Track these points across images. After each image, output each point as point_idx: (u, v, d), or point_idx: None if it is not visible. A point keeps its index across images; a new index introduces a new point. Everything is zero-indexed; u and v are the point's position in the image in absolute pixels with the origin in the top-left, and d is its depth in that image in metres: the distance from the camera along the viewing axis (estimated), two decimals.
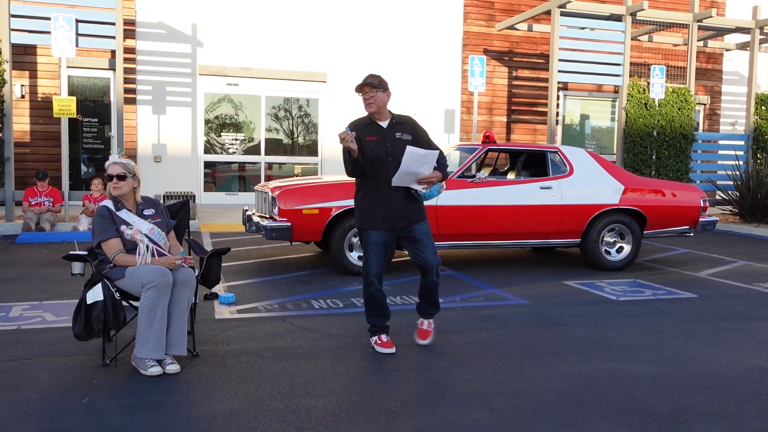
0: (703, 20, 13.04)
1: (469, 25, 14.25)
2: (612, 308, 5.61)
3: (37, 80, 11.91)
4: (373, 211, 4.21)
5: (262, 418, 3.16)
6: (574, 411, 3.33)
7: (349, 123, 4.26)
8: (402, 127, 4.26)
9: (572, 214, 7.24)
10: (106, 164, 4.03)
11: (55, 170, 10.97)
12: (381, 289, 4.27)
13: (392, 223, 4.20)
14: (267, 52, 13.09)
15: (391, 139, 4.20)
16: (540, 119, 14.74)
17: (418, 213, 4.27)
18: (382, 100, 4.18)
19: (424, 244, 4.26)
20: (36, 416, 3.14)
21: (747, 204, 11.95)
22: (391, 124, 4.25)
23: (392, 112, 4.30)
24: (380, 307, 4.30)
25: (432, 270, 4.27)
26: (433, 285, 4.33)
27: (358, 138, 4.14)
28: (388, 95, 4.21)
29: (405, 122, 4.30)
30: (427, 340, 4.43)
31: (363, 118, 4.30)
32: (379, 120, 4.24)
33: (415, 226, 4.24)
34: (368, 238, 4.23)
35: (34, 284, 6.11)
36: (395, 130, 4.23)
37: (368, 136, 4.18)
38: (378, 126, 4.23)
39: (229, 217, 11.09)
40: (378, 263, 4.24)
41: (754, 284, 6.78)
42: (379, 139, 4.19)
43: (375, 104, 4.17)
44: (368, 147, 4.15)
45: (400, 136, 4.21)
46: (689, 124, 12.95)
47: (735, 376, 3.91)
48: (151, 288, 3.68)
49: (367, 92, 4.16)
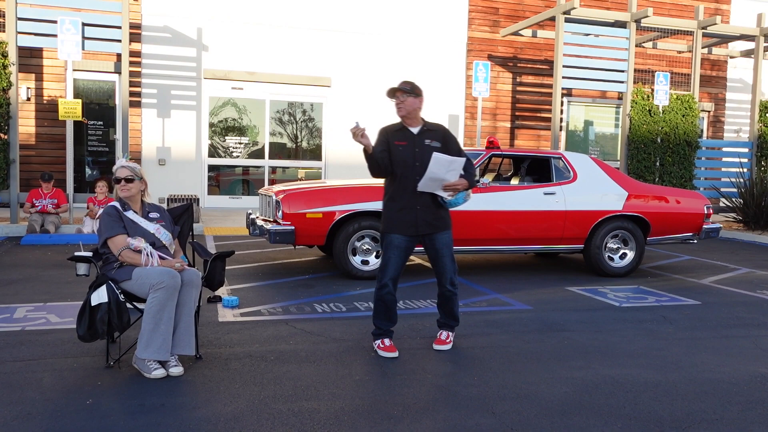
0: (707, 27, 13.05)
1: (474, 31, 14.29)
2: (615, 314, 5.61)
3: (42, 83, 11.97)
4: (398, 215, 4.26)
5: (265, 421, 3.17)
6: (576, 416, 3.33)
7: (381, 127, 4.37)
8: (432, 134, 4.31)
9: (576, 220, 7.25)
10: (114, 167, 4.11)
11: (60, 173, 11.01)
12: (393, 293, 4.30)
13: (415, 228, 4.26)
14: (272, 57, 13.14)
15: (420, 145, 4.25)
16: (544, 125, 14.75)
17: (443, 221, 4.32)
18: (412, 105, 4.23)
19: (443, 253, 4.32)
20: (40, 417, 3.15)
21: (751, 211, 11.93)
22: (422, 131, 4.30)
23: (424, 119, 4.36)
24: (389, 311, 4.32)
25: (447, 279, 4.33)
26: (450, 294, 4.39)
27: (386, 142, 4.24)
28: (420, 101, 4.25)
29: (436, 130, 4.35)
30: (441, 346, 4.43)
31: (395, 124, 4.37)
32: (411, 126, 4.30)
33: (438, 233, 4.30)
34: (390, 241, 4.28)
35: (39, 286, 6.13)
36: (425, 136, 4.29)
37: (397, 141, 4.26)
38: (408, 131, 4.30)
39: (232, 221, 11.11)
40: (395, 267, 4.27)
41: (758, 292, 6.77)
42: (407, 145, 4.25)
43: (405, 109, 4.23)
44: (396, 151, 4.23)
45: (429, 143, 4.26)
46: (693, 131, 12.95)
47: (738, 384, 3.90)
48: (160, 289, 3.70)
49: (399, 97, 4.23)
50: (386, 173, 4.28)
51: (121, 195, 4.04)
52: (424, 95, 4.30)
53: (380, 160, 4.19)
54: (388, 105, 13.72)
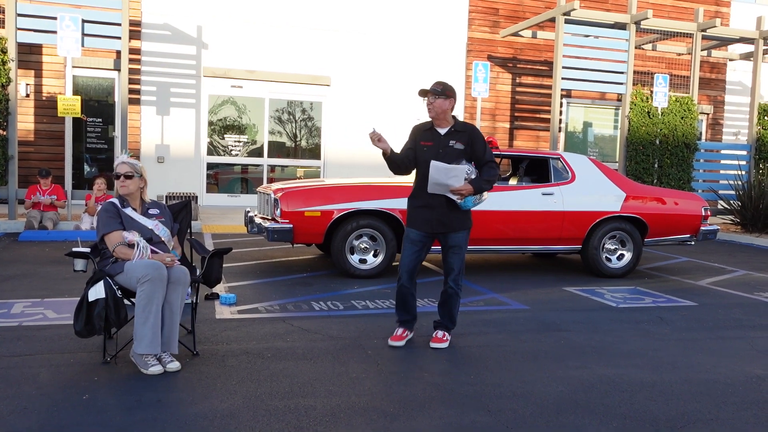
0: (707, 30, 13.07)
1: (474, 32, 14.30)
2: (612, 315, 5.62)
3: (42, 79, 11.96)
4: (416, 212, 4.44)
5: (261, 417, 3.17)
6: (572, 415, 3.34)
7: (413, 126, 4.53)
8: (458, 136, 4.37)
9: (573, 221, 7.26)
10: (115, 163, 4.10)
11: (59, 169, 11.00)
12: (408, 286, 4.44)
13: (430, 226, 4.39)
14: (271, 55, 13.14)
15: (444, 146, 4.35)
16: (543, 126, 14.77)
17: (458, 221, 4.41)
18: (441, 106, 4.33)
19: (453, 251, 4.44)
20: (37, 412, 3.15)
21: (749, 214, 11.95)
22: (449, 132, 4.39)
23: (456, 120, 4.44)
24: (405, 303, 4.49)
25: (452, 274, 4.46)
26: (452, 293, 4.48)
27: (414, 140, 4.42)
28: (451, 102, 4.36)
29: (464, 131, 4.40)
30: (438, 344, 4.46)
31: (426, 123, 4.49)
32: (439, 126, 4.41)
33: (451, 233, 4.41)
34: (407, 235, 4.46)
35: (36, 282, 6.13)
36: (451, 137, 4.37)
37: (423, 141, 4.40)
38: (435, 132, 4.41)
39: (231, 219, 11.11)
40: (410, 260, 4.42)
41: (755, 294, 6.79)
42: (433, 145, 4.36)
43: (434, 110, 4.34)
44: (420, 151, 4.39)
45: (453, 144, 4.35)
46: (692, 133, 12.97)
47: (733, 384, 3.91)
48: (146, 282, 3.71)
49: (429, 98, 4.34)
50: (406, 171, 4.45)
51: (120, 191, 4.04)
52: (456, 96, 4.41)
53: (398, 160, 4.36)
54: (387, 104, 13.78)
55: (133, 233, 3.90)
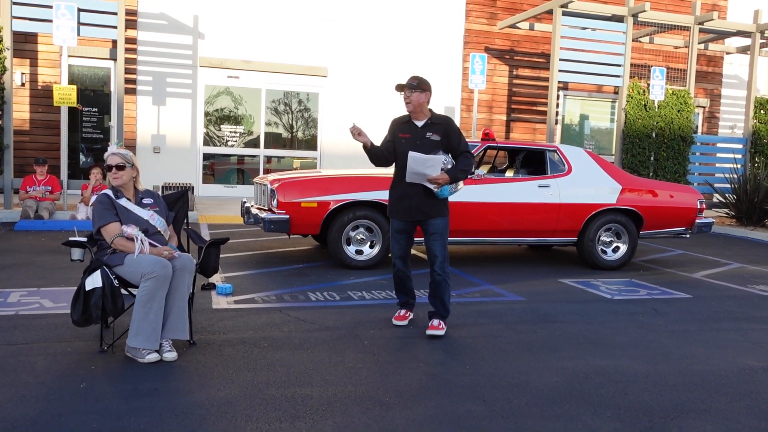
0: (704, 23, 13.07)
1: (471, 23, 14.27)
2: (607, 307, 5.65)
3: (37, 68, 11.91)
4: (395, 202, 4.63)
5: (258, 406, 3.19)
6: (566, 405, 3.37)
7: (393, 118, 4.73)
8: (435, 128, 4.54)
9: (569, 213, 7.28)
10: (105, 155, 4.09)
11: (54, 159, 10.97)
12: (404, 270, 4.69)
13: (410, 215, 4.58)
14: (268, 46, 13.10)
15: (421, 138, 4.51)
16: (540, 118, 14.77)
17: (435, 208, 4.56)
18: (418, 99, 4.49)
19: (434, 238, 4.57)
20: (34, 400, 3.16)
21: (744, 207, 11.99)
22: (426, 124, 4.55)
23: (433, 113, 4.60)
24: (403, 287, 4.75)
25: (436, 261, 4.55)
26: (439, 280, 4.56)
27: (393, 132, 4.59)
28: (427, 96, 4.52)
29: (440, 123, 4.58)
30: (435, 332, 4.50)
31: (404, 116, 4.66)
32: (416, 119, 4.57)
33: (431, 220, 4.55)
34: (392, 225, 4.71)
35: (32, 271, 6.13)
36: (428, 130, 4.54)
37: (401, 133, 4.57)
38: (413, 125, 4.57)
39: (227, 209, 11.11)
40: (399, 247, 4.67)
41: (749, 286, 6.83)
42: (410, 137, 4.53)
43: (412, 104, 4.50)
44: (399, 143, 4.56)
45: (429, 136, 4.51)
46: (688, 126, 13.00)
47: (727, 375, 3.95)
48: (151, 279, 3.71)
49: (406, 92, 4.49)
50: (386, 164, 4.63)
51: (113, 183, 4.03)
52: (432, 89, 4.56)
53: (378, 153, 4.55)
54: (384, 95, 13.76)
55: (131, 227, 3.90)
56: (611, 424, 3.15)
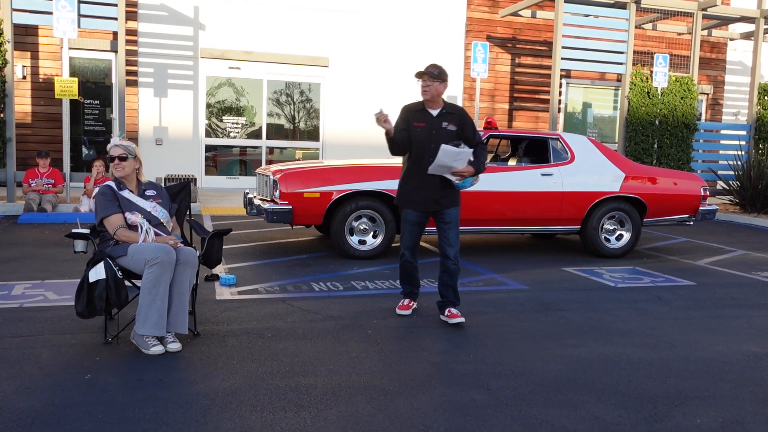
0: (707, 9, 12.97)
1: (473, 11, 14.19)
2: (610, 294, 5.65)
3: (38, 61, 11.89)
4: (411, 193, 4.56)
5: (262, 396, 3.20)
6: (570, 393, 3.37)
7: (403, 106, 4.58)
8: (450, 117, 4.50)
9: (573, 201, 7.26)
10: (108, 146, 4.10)
11: (57, 152, 10.97)
12: (412, 261, 4.66)
13: (425, 206, 4.54)
14: (269, 36, 13.05)
15: (437, 127, 4.46)
16: (542, 107, 14.71)
17: (451, 198, 4.55)
18: (437, 89, 4.44)
19: (451, 227, 4.56)
20: (39, 391, 3.17)
21: (747, 194, 11.96)
22: (441, 114, 4.50)
23: (446, 102, 4.56)
24: (410, 277, 4.72)
25: (451, 251, 4.55)
26: (454, 269, 4.59)
27: (406, 120, 4.47)
28: (445, 86, 4.49)
29: (455, 113, 4.54)
30: (457, 320, 4.50)
31: (416, 104, 4.57)
32: (431, 108, 4.50)
33: (446, 210, 4.53)
34: (404, 216, 4.64)
35: (36, 263, 6.14)
36: (443, 119, 4.49)
37: (416, 122, 4.48)
38: (428, 113, 4.49)
39: (230, 201, 11.11)
40: (410, 238, 4.63)
41: (753, 273, 6.81)
42: (425, 126, 4.46)
43: (429, 93, 4.43)
44: (414, 132, 4.46)
45: (446, 126, 4.47)
46: (691, 113, 12.93)
47: (731, 362, 3.94)
48: (155, 265, 3.72)
49: (426, 80, 4.42)
50: (405, 152, 4.55)
51: (116, 174, 4.04)
52: (449, 80, 4.53)
53: (400, 141, 4.44)
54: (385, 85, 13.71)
55: (135, 214, 3.91)
56: (615, 412, 3.15)
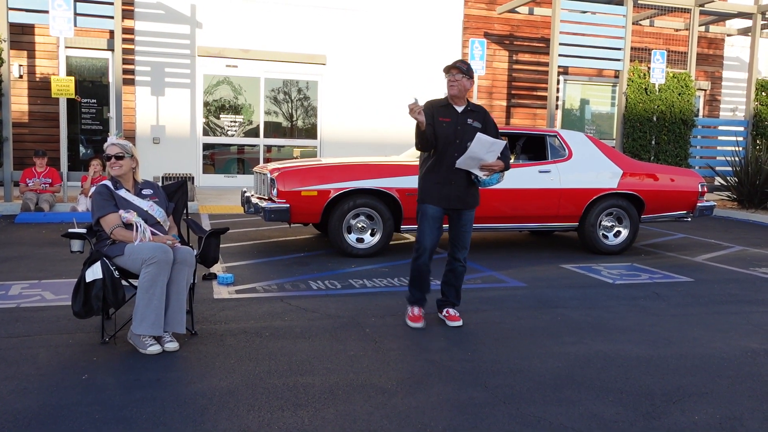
0: (704, 5, 12.97)
1: (470, 8, 14.17)
2: (608, 291, 5.65)
3: (35, 60, 11.85)
4: (434, 188, 4.39)
5: (260, 395, 3.19)
6: (568, 390, 3.37)
7: (426, 101, 4.44)
8: (474, 115, 4.44)
9: (570, 198, 7.26)
10: (105, 145, 4.09)
11: (54, 151, 10.95)
12: (428, 264, 4.43)
13: (448, 202, 4.39)
14: (266, 34, 13.02)
15: (462, 123, 4.39)
16: (540, 104, 14.70)
17: (473, 197, 4.48)
18: (464, 85, 4.38)
19: (467, 228, 4.48)
20: (36, 392, 3.17)
21: (745, 190, 11.96)
22: (465, 110, 4.44)
23: (469, 100, 4.49)
24: (423, 281, 4.45)
25: (463, 252, 4.49)
26: (462, 270, 4.54)
27: (431, 116, 4.33)
28: (471, 83, 4.44)
29: (478, 111, 4.49)
30: (456, 323, 4.48)
31: (441, 99, 4.48)
32: (456, 104, 4.42)
33: (467, 210, 4.44)
34: (425, 211, 4.41)
35: (33, 263, 6.13)
36: (468, 116, 4.43)
37: (441, 117, 4.36)
38: (453, 109, 4.41)
39: (227, 199, 11.10)
40: (431, 237, 4.39)
41: (750, 269, 6.82)
42: (451, 122, 4.37)
43: (457, 87, 4.34)
44: (440, 127, 4.33)
45: (471, 123, 4.40)
46: (689, 109, 12.93)
47: (729, 358, 3.94)
48: (152, 264, 3.71)
49: (454, 75, 4.34)
50: (432, 147, 4.37)
51: (112, 173, 4.03)
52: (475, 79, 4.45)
53: (430, 135, 4.29)
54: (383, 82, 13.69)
55: (130, 212, 3.90)
56: (614, 408, 3.15)
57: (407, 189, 6.71)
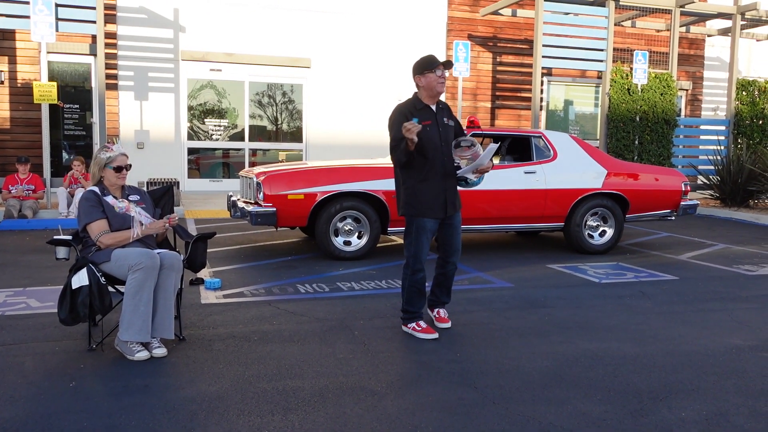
0: (685, 6, 13.12)
1: (454, 11, 14.23)
2: (595, 290, 5.69)
3: (16, 66, 11.74)
4: (433, 200, 4.16)
5: (249, 400, 3.18)
6: (557, 389, 3.39)
7: (399, 104, 4.21)
8: (446, 113, 4.29)
9: (556, 199, 7.30)
10: (112, 154, 3.99)
11: (36, 157, 10.84)
12: (425, 275, 4.30)
13: (445, 211, 4.23)
14: (250, 38, 12.99)
15: (441, 124, 4.22)
16: (524, 105, 14.79)
17: (459, 199, 4.37)
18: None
19: (457, 231, 4.37)
20: (23, 400, 3.14)
21: (727, 188, 12.10)
22: (438, 109, 4.25)
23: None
24: (423, 294, 4.31)
25: (456, 253, 4.39)
26: (453, 271, 4.46)
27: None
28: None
29: (446, 108, 4.32)
30: (446, 324, 4.47)
31: (415, 101, 4.21)
32: (431, 103, 4.23)
33: (456, 213, 4.34)
34: (423, 225, 4.17)
35: (18, 271, 6.07)
36: (442, 115, 4.26)
37: (424, 121, 4.09)
38: (430, 110, 4.21)
39: (213, 204, 11.05)
40: (427, 251, 4.25)
41: (734, 266, 6.90)
42: (432, 124, 4.16)
43: (444, 85, 4.18)
44: (425, 132, 4.04)
45: (446, 122, 4.26)
46: (671, 109, 13.07)
47: (714, 355, 3.99)
48: (138, 270, 3.69)
49: (443, 72, 4.15)
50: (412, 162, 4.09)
51: (119, 183, 4.05)
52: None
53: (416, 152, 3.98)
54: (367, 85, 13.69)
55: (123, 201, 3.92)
56: (601, 407, 3.17)
57: (394, 191, 6.71)
